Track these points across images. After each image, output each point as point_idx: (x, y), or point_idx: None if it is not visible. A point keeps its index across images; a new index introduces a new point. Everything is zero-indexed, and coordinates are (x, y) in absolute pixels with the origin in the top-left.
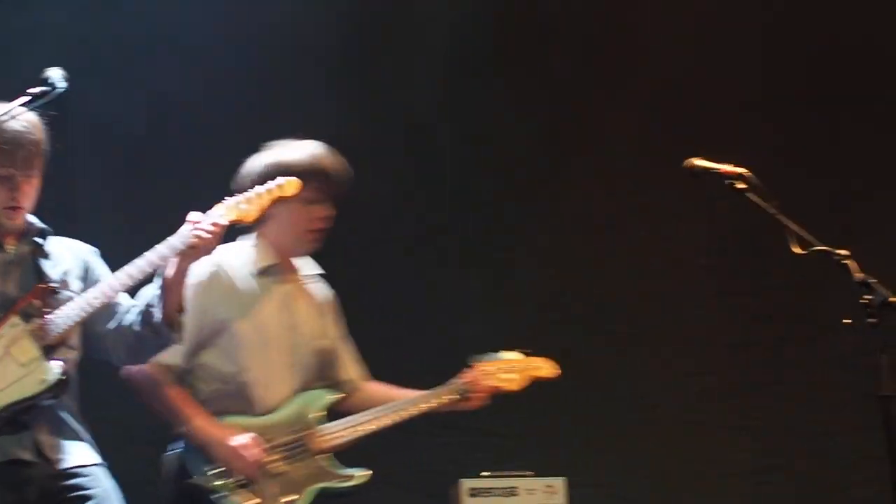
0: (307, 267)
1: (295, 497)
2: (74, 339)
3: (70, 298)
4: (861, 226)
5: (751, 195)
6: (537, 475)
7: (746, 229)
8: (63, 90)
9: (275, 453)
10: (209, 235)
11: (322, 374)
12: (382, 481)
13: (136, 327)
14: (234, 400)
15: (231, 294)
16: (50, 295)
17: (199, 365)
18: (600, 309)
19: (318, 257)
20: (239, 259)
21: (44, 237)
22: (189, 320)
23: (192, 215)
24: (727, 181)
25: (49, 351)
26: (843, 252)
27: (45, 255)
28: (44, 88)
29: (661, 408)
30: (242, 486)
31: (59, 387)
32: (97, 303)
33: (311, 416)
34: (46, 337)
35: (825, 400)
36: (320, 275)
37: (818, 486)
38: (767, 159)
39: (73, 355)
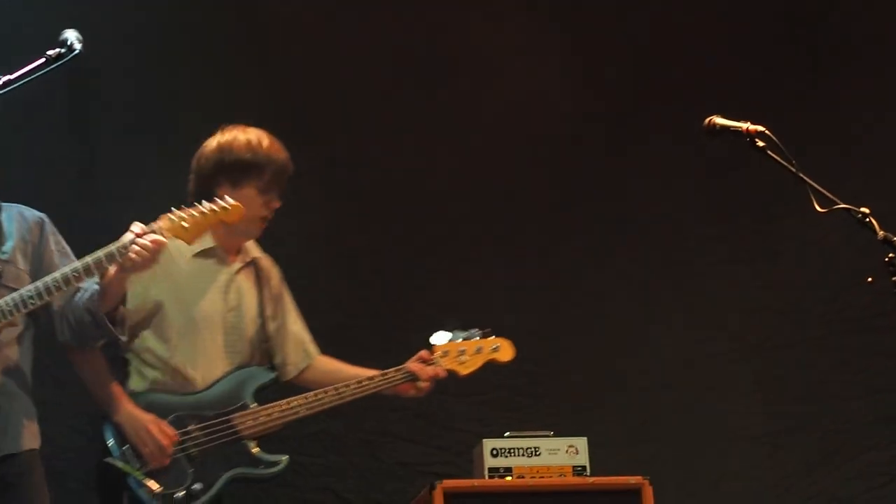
0: (251, 249)
1: (200, 486)
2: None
3: (17, 277)
4: None
5: (771, 153)
6: (558, 435)
7: (760, 194)
8: (79, 52)
9: (195, 434)
10: (147, 254)
11: (264, 355)
12: (405, 440)
13: (81, 313)
14: (172, 380)
15: (169, 275)
16: None
17: (142, 348)
18: (617, 273)
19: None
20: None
21: None
22: (129, 300)
23: (136, 226)
24: (748, 139)
25: None
26: (864, 210)
27: None
28: (61, 50)
29: (678, 371)
30: (151, 472)
31: None
32: (31, 304)
33: (244, 394)
34: None
35: (841, 362)
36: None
37: (834, 450)
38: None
39: (15, 331)
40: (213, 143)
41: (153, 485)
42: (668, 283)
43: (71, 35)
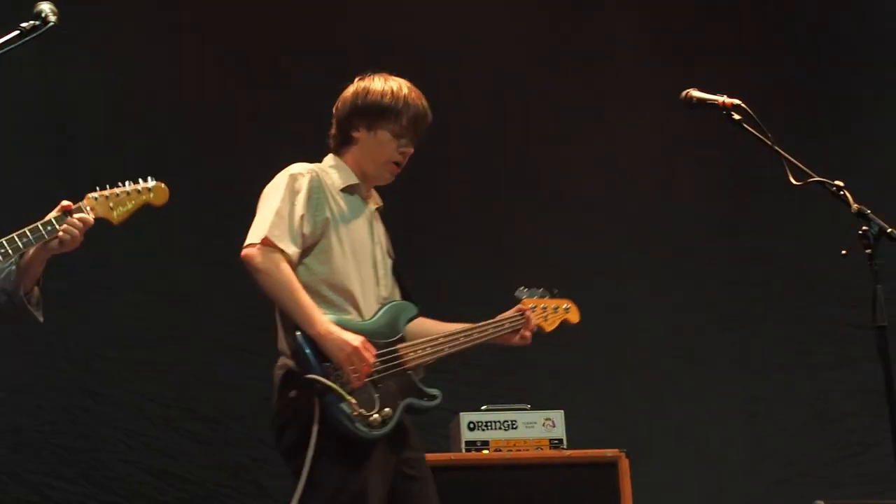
0: (375, 196)
1: (389, 411)
2: None
3: None
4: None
5: (747, 126)
6: (534, 408)
7: (738, 167)
8: (53, 25)
9: (374, 361)
10: (77, 232)
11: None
12: None
13: None
14: (339, 309)
15: (328, 204)
16: None
17: (310, 278)
18: (597, 245)
19: None
20: (331, 173)
21: None
22: (307, 222)
23: (65, 204)
24: (724, 112)
25: None
26: (838, 183)
27: None
28: (35, 23)
29: (657, 343)
30: (350, 392)
31: None
32: None
33: (400, 326)
34: None
35: (818, 333)
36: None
37: (812, 418)
38: None
39: None
40: (351, 88)
41: (357, 406)
42: (649, 256)
43: (45, 7)
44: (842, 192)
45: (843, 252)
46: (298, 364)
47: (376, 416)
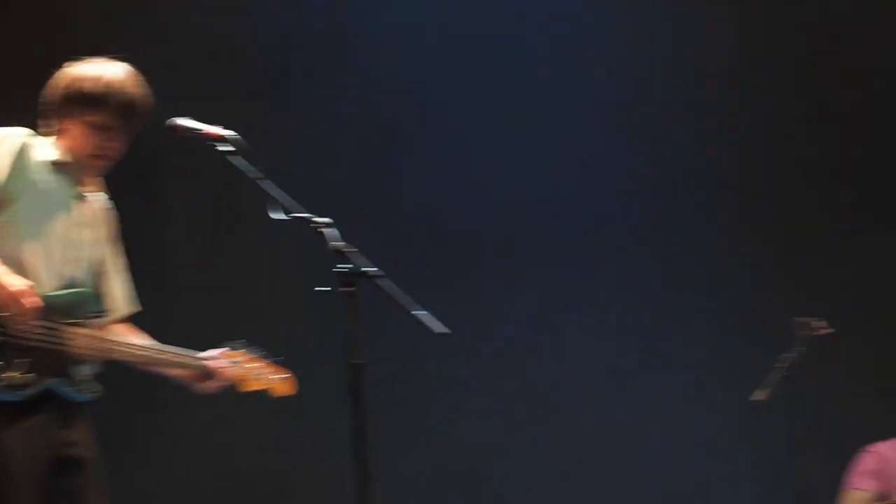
0: (102, 186)
1: (32, 377)
2: None
3: None
4: None
5: (234, 159)
6: None
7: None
8: None
9: (34, 329)
10: None
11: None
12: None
13: None
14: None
15: (27, 169)
16: None
17: None
18: None
19: None
20: (41, 147)
21: None
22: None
23: None
24: (209, 143)
25: None
26: (323, 220)
27: None
28: None
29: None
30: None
31: None
32: None
33: (81, 313)
34: None
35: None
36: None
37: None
38: None
39: None
40: (59, 73)
41: None
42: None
43: None
44: (322, 230)
45: (324, 289)
46: None
47: (12, 374)
